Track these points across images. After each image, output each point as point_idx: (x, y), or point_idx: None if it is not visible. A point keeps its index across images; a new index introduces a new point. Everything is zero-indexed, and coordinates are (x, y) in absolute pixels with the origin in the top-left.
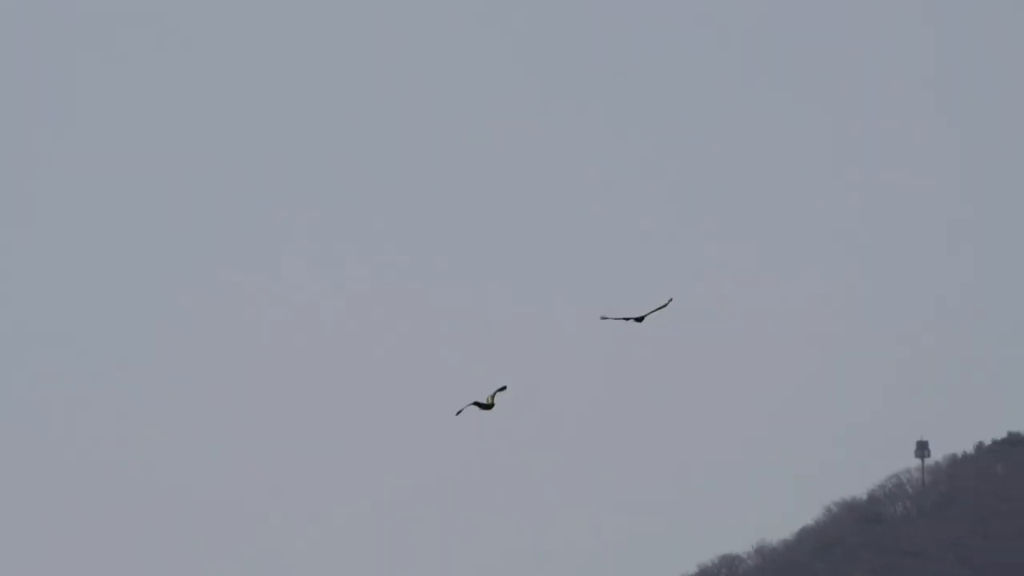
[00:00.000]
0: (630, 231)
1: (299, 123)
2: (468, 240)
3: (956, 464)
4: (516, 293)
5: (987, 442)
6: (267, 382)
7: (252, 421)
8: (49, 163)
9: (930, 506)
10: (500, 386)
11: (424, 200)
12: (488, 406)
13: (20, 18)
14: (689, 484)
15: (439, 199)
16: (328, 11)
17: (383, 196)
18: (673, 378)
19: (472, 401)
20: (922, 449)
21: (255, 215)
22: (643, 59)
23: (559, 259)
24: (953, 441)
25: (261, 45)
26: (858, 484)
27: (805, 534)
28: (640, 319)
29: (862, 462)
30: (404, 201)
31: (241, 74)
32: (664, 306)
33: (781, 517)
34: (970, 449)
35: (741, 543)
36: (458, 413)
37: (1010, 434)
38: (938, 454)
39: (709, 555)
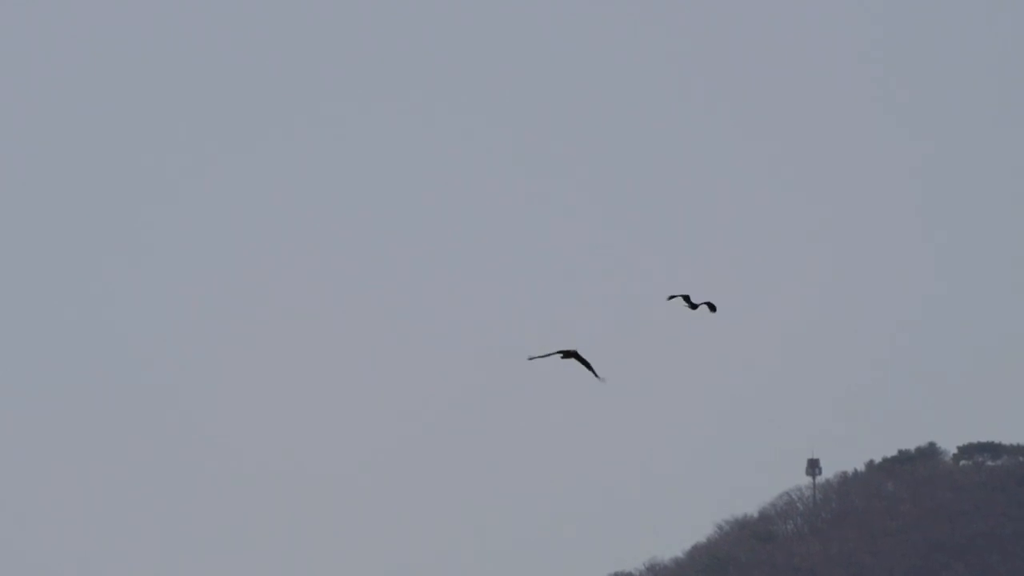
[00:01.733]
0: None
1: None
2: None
3: (847, 482)
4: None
5: (877, 460)
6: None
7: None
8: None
9: (821, 523)
10: (709, 303)
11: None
12: (694, 306)
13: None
14: (581, 501)
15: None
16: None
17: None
18: (564, 395)
19: (686, 298)
20: (813, 467)
21: (256, 214)
22: (624, 69)
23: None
24: (843, 459)
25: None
26: (750, 502)
27: (697, 552)
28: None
29: (754, 480)
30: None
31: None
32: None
33: (673, 534)
34: (860, 467)
35: (633, 561)
36: (670, 299)
37: (900, 452)
38: (829, 472)
39: (601, 572)
